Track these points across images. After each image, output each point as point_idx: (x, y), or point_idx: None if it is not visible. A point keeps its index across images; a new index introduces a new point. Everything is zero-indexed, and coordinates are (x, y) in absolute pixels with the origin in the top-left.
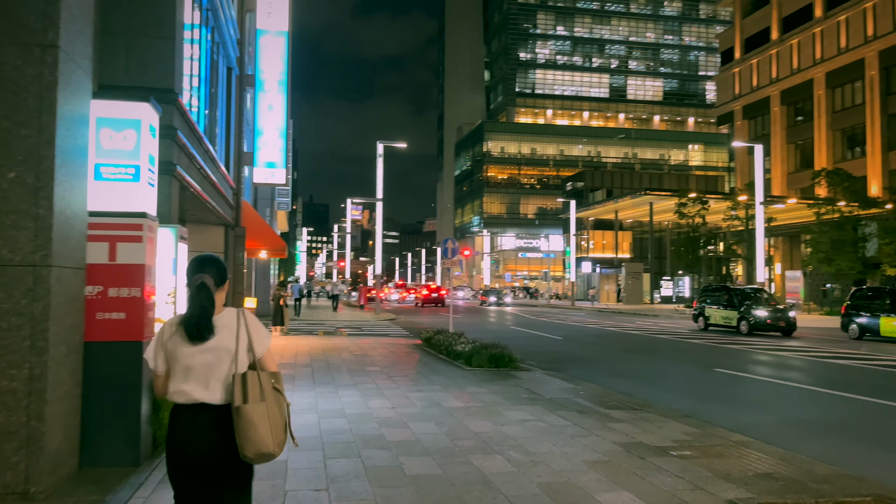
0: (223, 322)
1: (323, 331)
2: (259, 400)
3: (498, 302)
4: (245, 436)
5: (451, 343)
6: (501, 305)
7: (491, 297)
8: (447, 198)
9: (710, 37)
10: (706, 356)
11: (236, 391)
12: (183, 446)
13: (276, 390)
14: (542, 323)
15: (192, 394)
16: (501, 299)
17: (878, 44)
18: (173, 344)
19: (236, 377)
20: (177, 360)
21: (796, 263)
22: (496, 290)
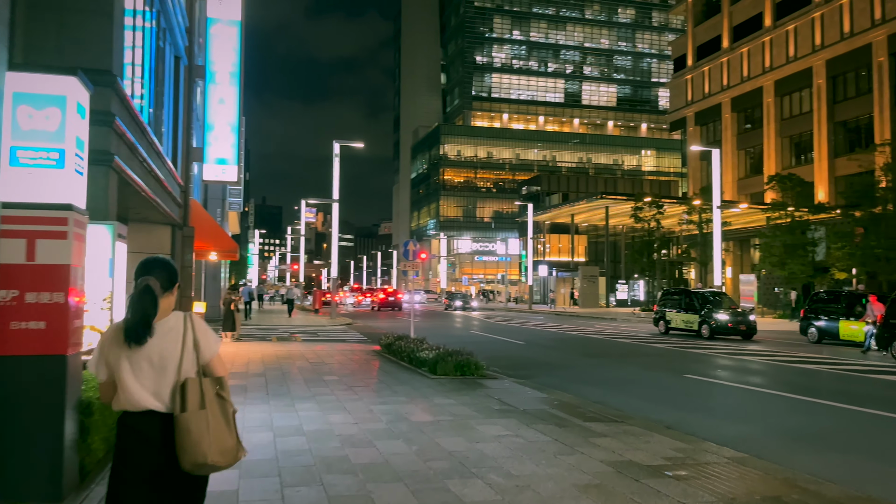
0: (169, 326)
1: (276, 336)
2: (198, 408)
3: (464, 306)
4: (181, 446)
5: (413, 349)
6: (468, 310)
7: (456, 301)
8: (403, 200)
9: (663, 44)
10: (673, 361)
11: (175, 399)
12: (130, 457)
13: (219, 397)
14: (501, 327)
15: (137, 401)
16: (468, 303)
17: (825, 53)
18: (115, 350)
19: (177, 384)
20: (119, 366)
21: (746, 267)
22: (462, 294)
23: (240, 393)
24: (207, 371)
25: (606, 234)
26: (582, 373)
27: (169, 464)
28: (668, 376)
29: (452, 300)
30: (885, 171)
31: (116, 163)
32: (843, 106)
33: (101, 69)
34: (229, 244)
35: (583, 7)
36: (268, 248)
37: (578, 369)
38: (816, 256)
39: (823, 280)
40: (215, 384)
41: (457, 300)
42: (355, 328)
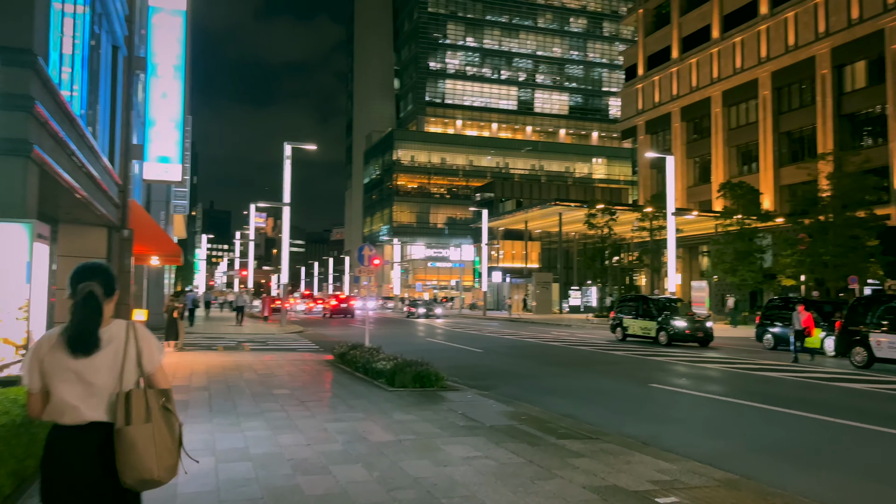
0: (110, 335)
1: (223, 345)
2: (144, 421)
3: (428, 314)
4: (125, 460)
5: (369, 360)
6: (432, 318)
7: (420, 308)
8: (356, 206)
9: (614, 54)
10: (635, 370)
11: (119, 411)
12: (63, 471)
13: (165, 409)
14: (458, 334)
15: (73, 413)
16: (432, 311)
17: (771, 65)
18: (53, 358)
19: (120, 396)
20: (56, 375)
21: (695, 274)
22: (426, 301)
23: (180, 410)
24: (150, 383)
25: (560, 241)
26: (545, 382)
27: (105, 478)
28: (633, 386)
29: (415, 307)
30: (830, 179)
31: (37, 154)
32: (787, 117)
33: (19, 47)
34: (172, 248)
35: (535, 16)
36: (216, 254)
37: (541, 379)
38: (764, 263)
39: (771, 286)
40: (161, 396)
41: (420, 307)
42: (307, 336)
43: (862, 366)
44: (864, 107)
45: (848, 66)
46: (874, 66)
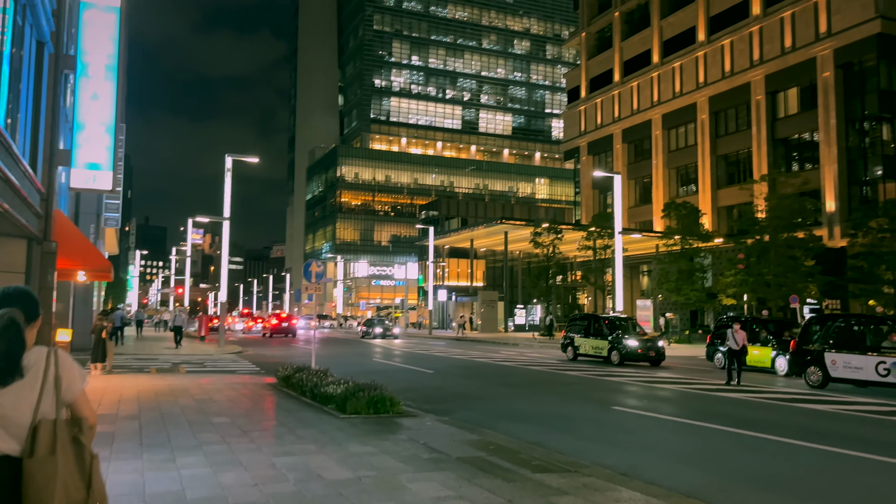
0: (29, 362)
1: (156, 367)
2: (48, 453)
3: (385, 334)
4: (25, 494)
5: (317, 383)
6: (389, 338)
7: (376, 328)
8: (298, 223)
9: (556, 76)
10: (594, 391)
11: (25, 443)
12: None
13: (75, 441)
14: (406, 354)
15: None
16: (389, 331)
17: (708, 90)
18: None
19: (30, 427)
20: None
21: (636, 293)
22: (381, 319)
23: (105, 443)
24: (73, 412)
25: (505, 259)
26: (504, 406)
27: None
28: (595, 409)
29: (371, 327)
30: (768, 201)
31: None
32: (724, 140)
33: None
34: (101, 263)
35: (480, 37)
36: (150, 271)
37: (499, 401)
38: (706, 283)
39: (711, 306)
40: (73, 427)
41: (376, 326)
42: (246, 357)
43: (817, 385)
44: (796, 132)
45: (781, 93)
46: (806, 93)
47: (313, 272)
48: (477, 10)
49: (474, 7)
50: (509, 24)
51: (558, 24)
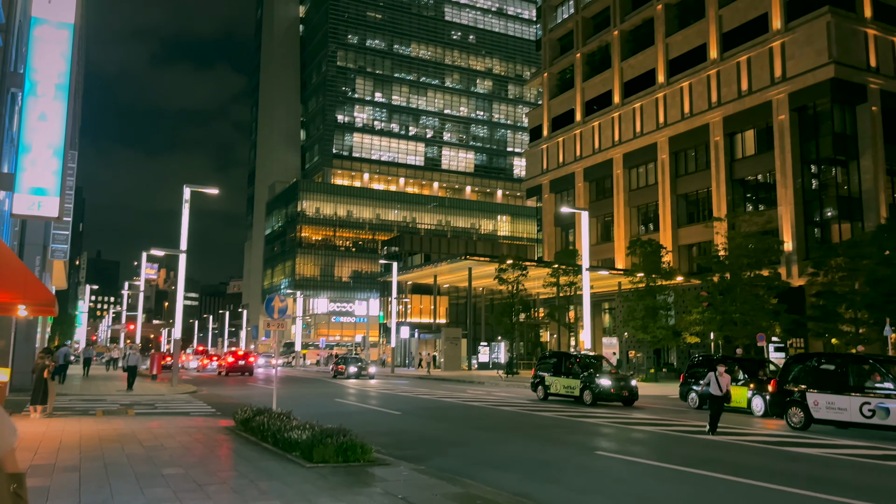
0: None
1: (103, 409)
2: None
3: (360, 374)
4: None
5: (280, 428)
6: (364, 378)
7: (350, 366)
8: (256, 258)
9: (518, 116)
10: (573, 433)
11: None
12: None
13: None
14: (369, 393)
15: None
16: (364, 369)
17: (668, 131)
18: None
19: None
20: None
21: (598, 331)
22: (356, 358)
23: (37, 500)
24: None
25: (469, 296)
26: (482, 451)
27: None
28: (578, 454)
29: (345, 365)
30: (732, 240)
31: None
32: (684, 180)
33: None
34: (45, 296)
35: (443, 76)
36: (101, 307)
37: (475, 446)
38: (670, 321)
39: (676, 343)
40: (12, 480)
41: (350, 365)
42: (201, 397)
43: (800, 427)
44: (754, 173)
45: (739, 134)
46: (763, 134)
47: (276, 307)
48: (440, 49)
49: (437, 46)
50: (472, 63)
51: (520, 65)
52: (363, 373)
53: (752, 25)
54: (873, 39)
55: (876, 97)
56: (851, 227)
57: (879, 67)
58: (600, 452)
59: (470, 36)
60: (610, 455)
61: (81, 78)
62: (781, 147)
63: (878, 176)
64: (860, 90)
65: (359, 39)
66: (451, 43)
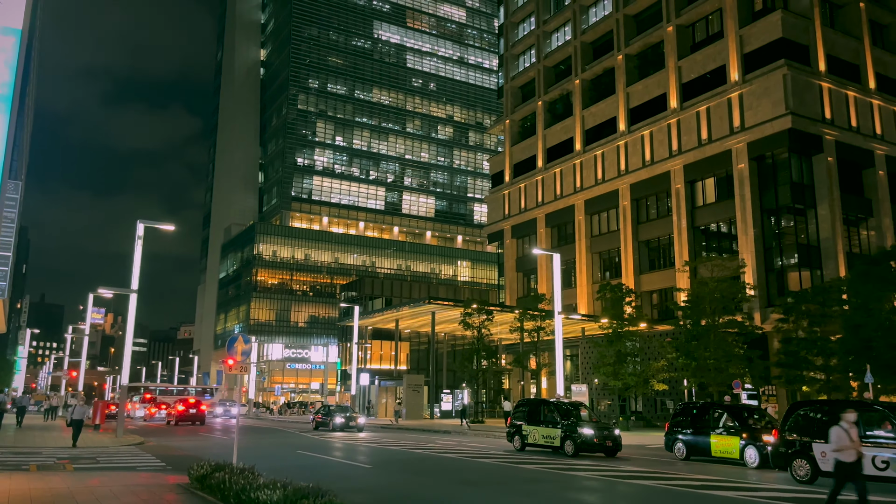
0: None
1: (37, 464)
2: None
3: (348, 425)
4: None
5: (245, 487)
6: (352, 431)
7: (335, 417)
8: (209, 302)
9: (478, 163)
10: (566, 490)
11: None
12: None
13: None
14: (333, 445)
15: None
16: (353, 420)
17: (630, 178)
18: None
19: None
20: None
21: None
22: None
23: None
24: None
25: (432, 341)
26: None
27: None
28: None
29: (329, 415)
30: (706, 284)
31: None
32: (646, 226)
33: None
34: None
35: (404, 121)
36: (43, 352)
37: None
38: (637, 367)
39: (644, 390)
40: None
41: (335, 416)
42: (149, 449)
43: (806, 481)
44: (715, 220)
45: (699, 182)
46: (723, 182)
47: (239, 349)
48: (402, 95)
49: (399, 92)
50: (433, 110)
51: (480, 112)
52: (351, 424)
53: (710, 76)
54: (828, 92)
55: (831, 148)
56: (811, 275)
57: (834, 119)
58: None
59: (431, 83)
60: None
61: (32, 105)
62: (741, 195)
63: (836, 225)
64: (816, 141)
65: (320, 83)
66: (413, 89)
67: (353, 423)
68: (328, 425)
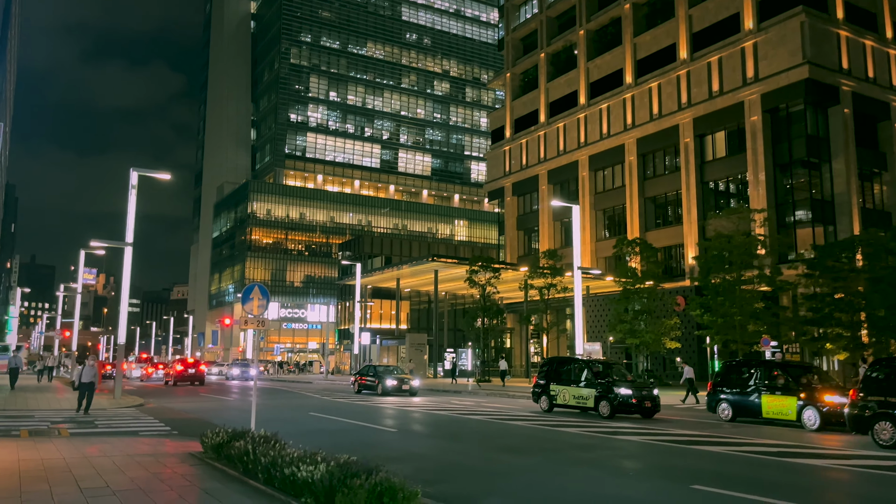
0: None
1: (29, 428)
2: None
3: (400, 388)
4: None
5: (276, 461)
6: (404, 395)
7: (387, 379)
8: (203, 262)
9: (475, 120)
10: (629, 459)
11: None
12: None
13: None
14: (345, 407)
15: None
16: (405, 382)
17: (636, 132)
18: None
19: None
20: None
21: (563, 338)
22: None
23: None
24: None
25: (435, 300)
26: (540, 486)
27: None
28: (672, 490)
29: (378, 378)
30: (730, 237)
31: None
32: (652, 182)
33: None
34: None
35: (400, 76)
36: (34, 313)
37: (523, 478)
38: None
39: (657, 348)
40: None
41: (386, 378)
42: (149, 412)
43: (890, 444)
44: (725, 175)
45: (709, 136)
46: (734, 136)
47: (255, 300)
48: (397, 49)
49: (394, 46)
50: (429, 65)
51: (478, 68)
52: (403, 388)
53: (723, 25)
54: (845, 41)
55: (848, 99)
56: (824, 231)
57: (851, 70)
58: (698, 486)
59: (427, 37)
60: (711, 490)
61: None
62: (753, 149)
63: (850, 179)
64: (833, 92)
65: (313, 37)
66: (408, 44)
67: (406, 385)
68: (375, 388)
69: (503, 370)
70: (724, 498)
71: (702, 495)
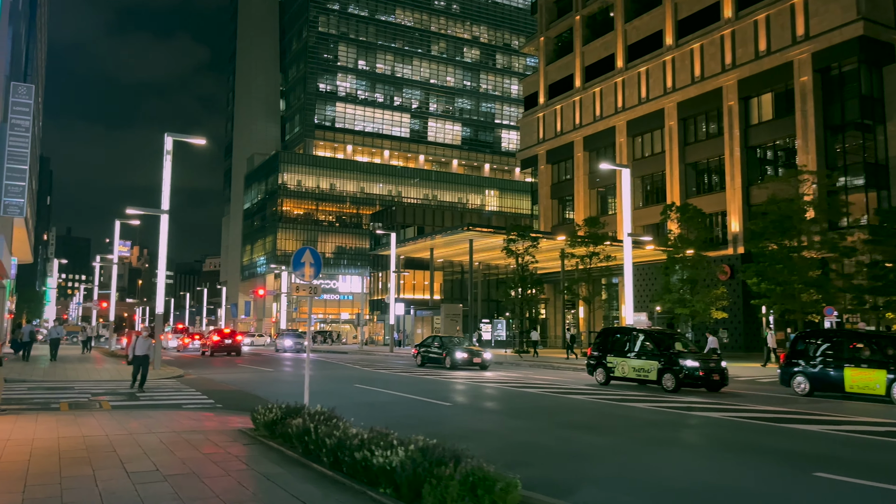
0: None
1: (69, 401)
2: None
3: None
4: None
5: (342, 442)
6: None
7: (456, 351)
8: (234, 233)
9: (506, 87)
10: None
11: None
12: None
13: None
14: (392, 379)
15: None
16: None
17: (677, 96)
18: None
19: None
20: None
21: (602, 308)
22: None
23: None
24: None
25: (470, 270)
26: (629, 467)
27: None
28: (790, 478)
29: (448, 350)
30: (781, 205)
31: None
32: (694, 147)
33: None
34: None
35: (429, 44)
36: (71, 284)
37: (608, 463)
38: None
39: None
40: None
41: (456, 350)
42: (190, 382)
43: None
44: (771, 139)
45: (755, 98)
46: (781, 98)
47: (307, 265)
48: (426, 15)
49: (423, 13)
50: (458, 32)
51: (508, 33)
52: (474, 362)
53: None
54: None
55: None
56: (878, 196)
57: None
58: (821, 474)
59: (455, 3)
60: (836, 478)
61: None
62: (803, 111)
63: None
64: (889, 49)
65: (341, 5)
66: (437, 10)
67: (479, 359)
68: (442, 361)
69: (535, 340)
70: (856, 487)
71: (828, 484)
